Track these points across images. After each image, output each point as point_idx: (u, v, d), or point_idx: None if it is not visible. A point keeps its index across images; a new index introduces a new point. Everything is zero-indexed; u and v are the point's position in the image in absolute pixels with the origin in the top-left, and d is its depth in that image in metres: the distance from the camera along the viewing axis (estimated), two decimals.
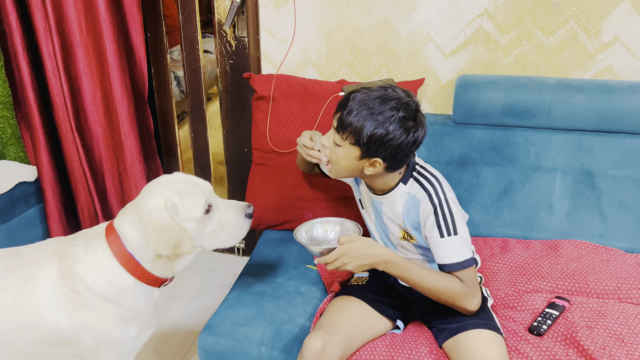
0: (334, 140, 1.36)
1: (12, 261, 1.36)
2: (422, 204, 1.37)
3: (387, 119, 1.27)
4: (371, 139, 1.28)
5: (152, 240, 1.28)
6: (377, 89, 1.32)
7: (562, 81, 1.79)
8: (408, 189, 1.41)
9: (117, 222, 1.35)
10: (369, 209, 1.54)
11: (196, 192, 1.33)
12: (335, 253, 1.33)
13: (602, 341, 1.36)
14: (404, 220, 1.43)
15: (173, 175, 1.40)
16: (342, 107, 1.33)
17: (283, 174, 1.90)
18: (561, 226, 1.81)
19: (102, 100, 2.10)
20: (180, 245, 1.30)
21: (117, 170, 2.24)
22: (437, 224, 1.34)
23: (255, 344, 1.44)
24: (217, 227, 1.37)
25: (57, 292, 1.31)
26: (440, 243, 1.35)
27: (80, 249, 1.35)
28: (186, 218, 1.30)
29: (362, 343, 1.41)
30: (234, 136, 2.32)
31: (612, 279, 1.61)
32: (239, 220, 1.40)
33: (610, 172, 1.77)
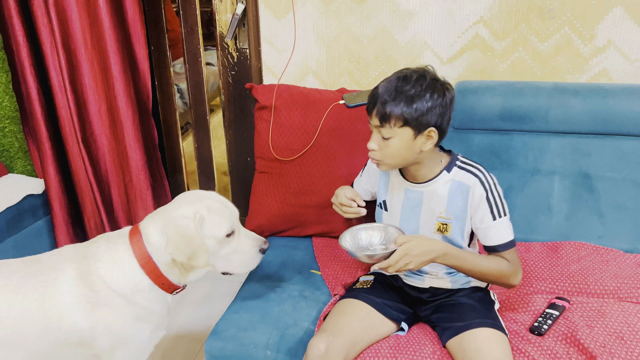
0: (382, 137, 1.37)
1: (33, 267, 1.41)
2: (473, 189, 1.41)
3: (420, 89, 1.32)
4: (417, 112, 1.32)
5: (172, 244, 1.34)
6: (392, 75, 1.37)
7: (558, 85, 1.82)
8: (452, 176, 1.44)
9: (142, 224, 1.42)
10: (396, 206, 1.54)
11: (225, 214, 1.41)
12: (398, 255, 1.33)
13: (602, 339, 1.38)
14: (447, 207, 1.45)
15: (208, 192, 1.49)
16: (373, 104, 1.36)
17: (286, 182, 1.93)
18: (561, 228, 1.83)
19: (108, 113, 2.14)
20: (196, 257, 1.36)
21: (123, 181, 2.28)
22: (489, 207, 1.41)
23: (260, 348, 1.47)
24: (231, 252, 1.44)
25: (77, 292, 1.37)
26: (493, 226, 1.41)
27: (102, 249, 1.41)
28: (209, 234, 1.38)
29: (366, 345, 1.43)
30: (237, 146, 2.36)
31: (612, 279, 1.63)
32: (253, 253, 1.48)
33: (608, 174, 1.80)
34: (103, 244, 1.43)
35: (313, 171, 1.90)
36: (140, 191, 2.27)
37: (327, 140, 1.88)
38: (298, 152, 1.90)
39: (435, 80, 1.35)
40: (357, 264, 1.78)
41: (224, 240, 1.41)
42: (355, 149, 1.87)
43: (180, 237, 1.34)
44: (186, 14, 2.21)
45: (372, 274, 1.63)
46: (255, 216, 1.98)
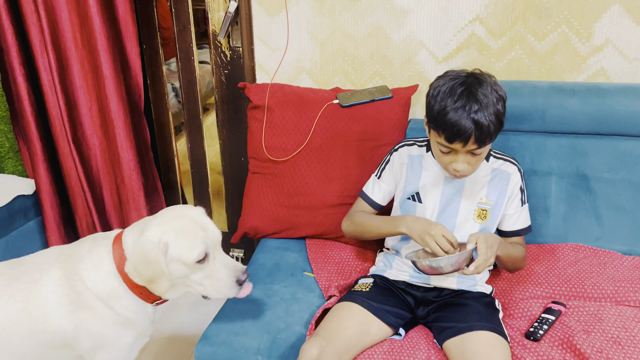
0: (472, 155, 1.39)
1: (17, 270, 1.40)
2: (513, 176, 1.54)
3: (491, 97, 1.35)
4: (501, 122, 1.38)
5: (130, 264, 1.30)
6: (451, 94, 1.36)
7: (555, 85, 1.80)
8: (491, 164, 1.54)
9: (125, 231, 1.39)
10: (434, 196, 1.54)
11: (198, 237, 1.32)
12: (483, 247, 1.33)
13: (599, 345, 1.36)
14: (488, 193, 1.51)
15: (192, 210, 1.40)
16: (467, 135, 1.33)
17: (279, 182, 1.90)
18: (558, 230, 1.81)
19: (99, 112, 2.12)
20: (156, 283, 1.30)
21: (115, 182, 2.25)
22: (521, 193, 1.55)
23: (251, 353, 1.44)
24: (204, 278, 1.35)
25: (60, 293, 1.35)
26: (522, 210, 1.56)
27: (86, 249, 1.39)
28: (176, 257, 1.30)
29: (360, 350, 1.41)
30: (231, 146, 2.33)
31: (610, 282, 1.61)
32: (228, 283, 1.36)
33: (606, 175, 1.77)
34: (87, 245, 1.41)
35: (307, 172, 1.87)
36: (133, 192, 2.24)
37: (321, 141, 1.86)
38: (291, 153, 1.87)
39: (485, 81, 1.38)
40: (351, 266, 1.76)
41: (194, 266, 1.32)
42: (349, 149, 1.85)
43: (139, 260, 1.28)
44: (178, 11, 2.18)
45: (372, 276, 1.60)
46: (249, 218, 1.95)
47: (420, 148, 1.60)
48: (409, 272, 1.57)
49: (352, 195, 1.84)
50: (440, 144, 1.40)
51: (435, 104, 1.38)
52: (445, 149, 1.40)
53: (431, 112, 1.40)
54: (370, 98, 1.86)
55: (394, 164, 1.62)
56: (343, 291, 1.64)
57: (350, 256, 1.81)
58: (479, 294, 1.51)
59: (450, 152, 1.40)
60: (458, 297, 1.50)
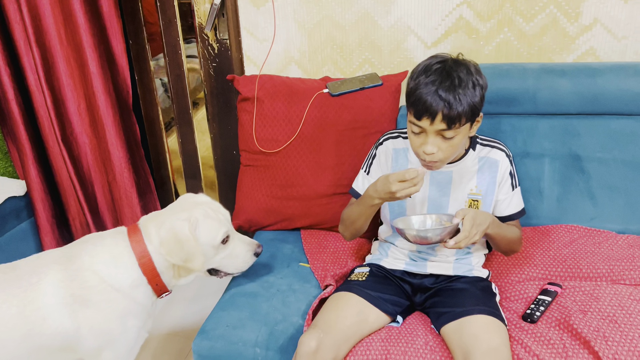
0: (442, 138, 1.34)
1: (10, 274, 1.39)
2: (502, 162, 1.50)
3: (467, 80, 1.31)
4: (477, 103, 1.33)
5: (165, 246, 1.38)
6: (426, 73, 1.33)
7: (545, 66, 1.79)
8: (477, 153, 1.51)
9: (142, 223, 1.45)
10: (422, 191, 1.53)
11: (220, 220, 1.45)
12: (468, 224, 1.32)
13: (596, 324, 1.36)
14: (477, 183, 1.49)
15: (200, 196, 1.53)
16: (432, 111, 1.29)
17: (272, 174, 1.89)
18: (552, 211, 1.81)
19: (87, 110, 2.10)
20: (192, 260, 1.40)
21: (106, 180, 2.23)
22: (511, 178, 1.52)
23: (250, 346, 1.44)
24: (226, 257, 1.49)
25: (63, 293, 1.35)
26: (514, 194, 1.53)
27: (97, 246, 1.42)
28: (204, 242, 1.42)
29: (359, 339, 1.40)
30: (222, 139, 2.32)
31: (605, 261, 1.61)
32: (247, 257, 1.53)
33: (598, 155, 1.77)
34: (98, 241, 1.43)
35: (299, 163, 1.86)
36: (125, 189, 2.23)
37: (312, 131, 1.85)
38: (283, 144, 1.86)
39: (464, 64, 1.35)
40: (347, 255, 1.76)
41: (219, 247, 1.45)
42: (341, 138, 1.84)
43: (173, 241, 1.38)
44: (164, 5, 2.15)
45: (368, 265, 1.60)
46: (242, 211, 1.94)
47: (405, 141, 1.56)
48: (405, 260, 1.56)
49: (345, 184, 1.83)
50: (411, 123, 1.36)
51: (411, 80, 1.36)
52: (415, 129, 1.35)
53: (406, 91, 1.38)
54: (360, 86, 1.85)
55: (380, 159, 1.59)
56: (339, 280, 1.64)
57: (346, 245, 1.81)
58: (475, 278, 1.51)
59: (420, 133, 1.35)
60: (454, 283, 1.50)
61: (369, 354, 1.37)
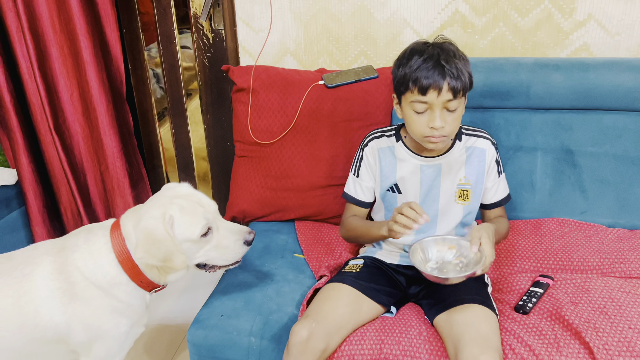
0: (447, 112, 1.36)
1: (6, 265, 1.37)
2: (488, 151, 1.51)
3: (459, 53, 1.36)
4: (472, 75, 1.38)
5: (141, 248, 1.30)
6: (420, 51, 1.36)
7: (539, 61, 1.80)
8: (464, 144, 1.51)
9: (122, 220, 1.38)
10: (413, 185, 1.52)
11: (198, 213, 1.33)
12: (489, 249, 1.32)
13: (587, 315, 1.38)
14: (466, 173, 1.50)
15: (182, 187, 1.42)
16: (439, 81, 1.31)
17: (266, 165, 1.89)
18: (544, 205, 1.83)
19: (80, 99, 2.08)
20: (171, 260, 1.31)
21: (99, 169, 2.22)
22: (497, 165, 1.53)
23: (244, 335, 1.44)
24: (212, 249, 1.38)
25: (52, 286, 1.33)
26: (500, 181, 1.55)
27: (81, 239, 1.37)
28: (181, 237, 1.32)
29: (352, 330, 1.41)
30: (216, 130, 2.31)
31: (595, 254, 1.63)
32: (237, 247, 1.40)
33: (590, 149, 1.79)
34: (83, 235, 1.39)
35: (294, 154, 1.86)
36: (117, 179, 2.22)
37: (307, 122, 1.85)
38: (278, 135, 1.86)
39: (449, 43, 1.40)
40: (341, 246, 1.76)
41: (200, 240, 1.34)
42: (336, 130, 1.84)
43: (148, 241, 1.29)
44: None
45: (362, 258, 1.61)
46: (236, 202, 1.94)
47: (390, 139, 1.55)
48: (400, 253, 1.57)
49: (340, 176, 1.83)
50: (414, 103, 1.36)
51: (402, 67, 1.37)
52: (420, 107, 1.35)
53: (399, 78, 1.38)
54: (355, 78, 1.85)
55: (368, 160, 1.57)
56: (334, 271, 1.65)
57: (340, 237, 1.82)
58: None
59: (425, 111, 1.36)
60: None
61: (363, 343, 1.38)
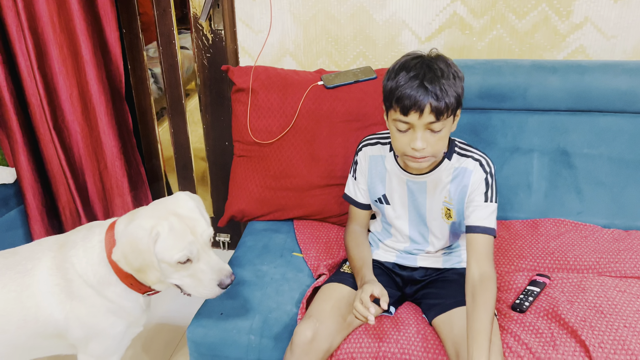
0: (430, 132, 1.31)
1: (10, 259, 1.38)
2: (475, 173, 1.41)
3: (447, 72, 1.29)
4: (459, 95, 1.31)
5: (120, 251, 1.28)
6: (405, 69, 1.30)
7: (536, 63, 1.82)
8: (454, 163, 1.43)
9: (119, 221, 1.38)
10: (400, 198, 1.51)
11: (185, 240, 1.29)
12: None
13: (583, 314, 1.40)
14: (450, 191, 1.44)
15: (187, 204, 1.36)
16: (421, 102, 1.26)
17: (265, 165, 1.90)
18: (540, 205, 1.85)
19: (79, 98, 2.08)
20: (145, 272, 1.29)
21: (98, 169, 2.22)
22: (485, 189, 1.41)
23: (244, 333, 1.45)
24: (187, 277, 1.34)
25: (51, 282, 1.34)
26: (484, 206, 1.40)
27: (80, 237, 1.38)
28: (159, 256, 1.29)
29: (353, 329, 1.43)
30: (215, 130, 2.32)
31: (591, 254, 1.65)
32: (210, 286, 1.34)
33: (586, 151, 1.81)
34: (82, 233, 1.40)
35: (293, 154, 1.87)
36: (116, 178, 2.22)
37: (306, 122, 1.86)
38: (277, 135, 1.87)
39: (441, 58, 1.33)
40: (339, 245, 1.78)
41: (177, 266, 1.30)
42: (335, 130, 1.85)
43: (130, 247, 1.27)
44: None
45: None
46: (235, 201, 1.95)
47: (383, 147, 1.53)
48: (396, 253, 1.59)
49: (339, 176, 1.85)
50: (396, 121, 1.32)
51: (389, 81, 1.32)
52: (402, 126, 1.31)
53: (385, 91, 1.34)
54: (354, 79, 1.86)
55: (361, 165, 1.57)
56: (332, 270, 1.66)
57: (339, 236, 1.83)
58: (464, 270, 1.54)
59: (407, 130, 1.31)
60: (444, 275, 1.53)
61: (362, 342, 1.39)
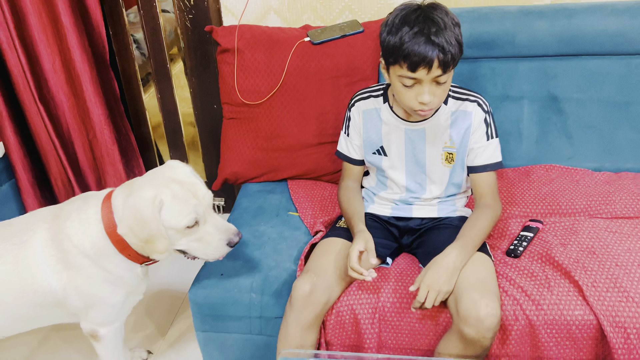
0: (436, 85, 1.31)
1: (6, 231, 1.39)
2: (475, 113, 1.45)
3: (448, 21, 1.29)
4: (462, 43, 1.32)
5: (125, 225, 1.29)
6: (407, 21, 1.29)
7: (524, 8, 1.80)
8: (450, 107, 1.46)
9: (115, 192, 1.37)
10: (398, 148, 1.52)
11: (190, 204, 1.31)
12: (422, 292, 1.29)
13: (576, 255, 1.43)
14: (451, 136, 1.46)
15: (183, 170, 1.37)
16: (430, 58, 1.25)
17: (256, 126, 1.89)
18: (531, 152, 1.86)
19: (63, 67, 2.04)
20: (154, 242, 1.30)
21: (87, 138, 2.20)
22: (486, 129, 1.46)
23: (245, 292, 1.48)
24: (194, 241, 1.36)
25: (47, 253, 1.35)
26: (488, 145, 1.47)
27: (74, 208, 1.38)
28: (167, 224, 1.30)
29: (351, 281, 1.45)
30: (202, 94, 2.29)
31: (582, 197, 1.68)
32: (219, 246, 1.37)
33: (575, 95, 1.81)
34: (77, 204, 1.40)
35: (282, 113, 1.86)
36: (106, 147, 2.20)
37: (294, 81, 1.84)
38: (266, 95, 1.85)
39: (438, 6, 1.32)
40: (334, 202, 1.79)
41: (184, 231, 1.33)
42: (324, 87, 1.84)
43: (134, 219, 1.28)
44: None
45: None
46: (228, 164, 1.95)
47: (377, 99, 1.53)
48: (392, 205, 1.60)
49: (330, 133, 1.84)
50: (402, 77, 1.31)
51: (391, 37, 1.30)
52: (409, 82, 1.31)
53: (388, 47, 1.32)
54: (341, 34, 1.84)
55: (354, 120, 1.57)
56: (328, 226, 1.68)
57: (333, 193, 1.84)
58: (460, 218, 1.56)
59: (414, 85, 1.31)
60: (440, 223, 1.55)
61: (361, 294, 1.42)
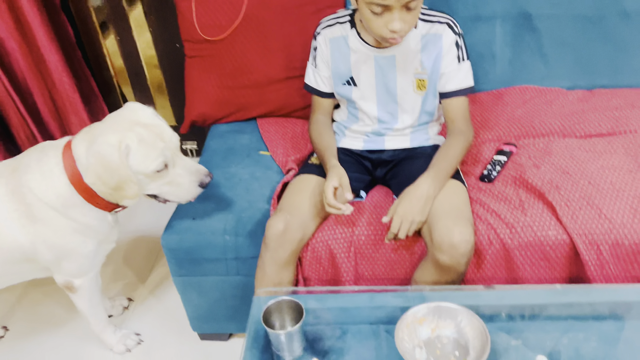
0: (407, 10, 1.25)
1: None
2: (445, 35, 1.39)
3: None
4: None
5: (92, 173, 1.25)
6: None
7: None
8: (420, 31, 1.40)
9: (75, 140, 1.32)
10: (368, 78, 1.47)
11: (158, 148, 1.27)
12: (395, 223, 1.28)
13: (550, 176, 1.42)
14: (422, 61, 1.41)
15: (145, 113, 1.32)
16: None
17: (219, 63, 1.81)
18: (505, 74, 1.82)
19: (9, 12, 1.92)
20: (123, 189, 1.27)
21: (46, 87, 2.11)
22: (457, 52, 1.40)
23: (218, 234, 1.46)
24: (165, 184, 1.34)
25: (9, 208, 1.30)
26: (460, 68, 1.41)
27: (33, 160, 1.32)
28: (135, 169, 1.26)
29: (325, 217, 1.44)
30: (162, 33, 2.19)
31: (556, 118, 1.66)
32: (191, 187, 1.36)
33: (548, 12, 1.75)
34: (36, 155, 1.34)
35: (246, 47, 1.78)
36: (67, 95, 2.11)
37: (256, 12, 1.75)
38: (227, 29, 1.77)
39: None
40: (306, 139, 1.75)
41: (154, 175, 1.30)
42: (288, 17, 1.75)
43: (101, 167, 1.24)
44: None
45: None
46: (194, 105, 1.89)
47: (343, 26, 1.46)
48: (363, 138, 1.56)
49: (298, 67, 1.78)
50: (371, 4, 1.25)
51: None
52: (378, 9, 1.24)
53: None
54: None
55: (322, 50, 1.50)
56: (300, 164, 1.65)
57: (304, 130, 1.80)
58: (433, 147, 1.53)
59: (383, 12, 1.25)
60: (412, 153, 1.53)
61: (336, 229, 1.41)
